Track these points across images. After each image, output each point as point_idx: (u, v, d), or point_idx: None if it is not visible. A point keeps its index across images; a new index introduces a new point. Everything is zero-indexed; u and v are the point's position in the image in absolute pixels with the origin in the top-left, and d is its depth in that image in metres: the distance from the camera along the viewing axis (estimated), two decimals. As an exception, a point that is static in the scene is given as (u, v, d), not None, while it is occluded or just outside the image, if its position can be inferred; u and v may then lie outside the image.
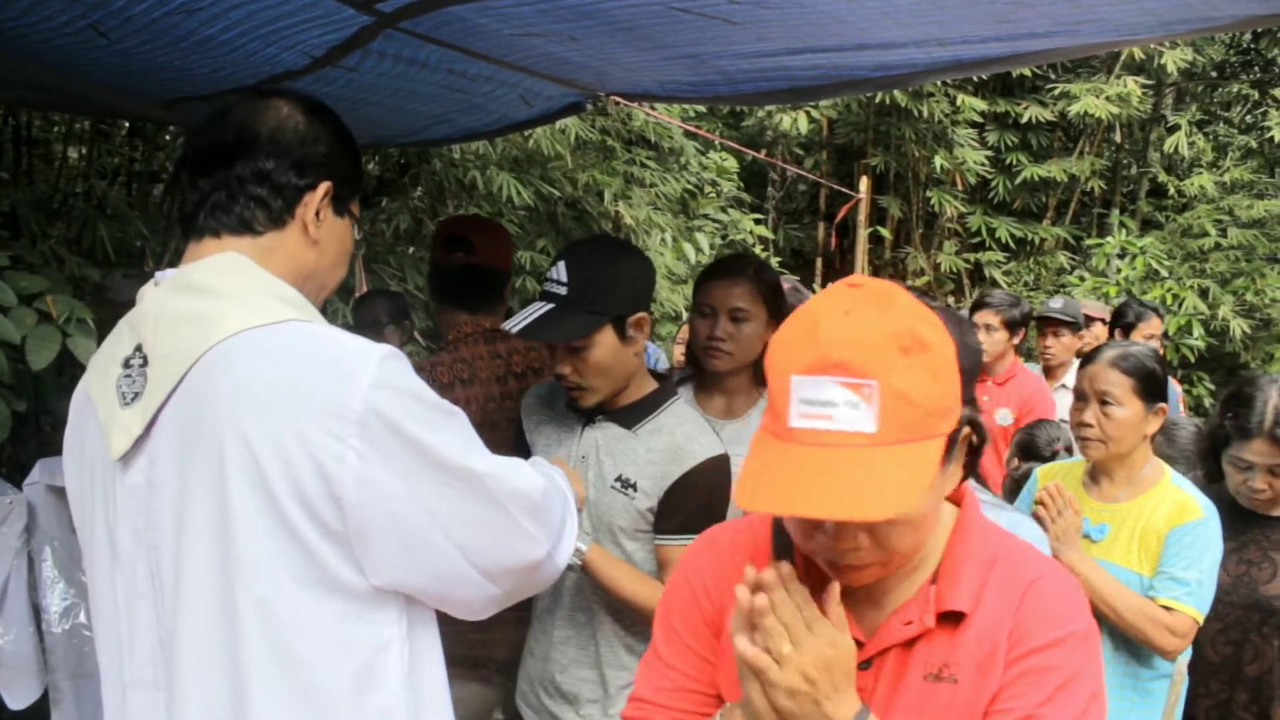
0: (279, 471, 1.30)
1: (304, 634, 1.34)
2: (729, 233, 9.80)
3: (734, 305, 2.56)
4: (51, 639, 2.81)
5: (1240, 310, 10.90)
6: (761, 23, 2.25)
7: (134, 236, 5.53)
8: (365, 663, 1.38)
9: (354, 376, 1.32)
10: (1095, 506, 2.63)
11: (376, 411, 1.32)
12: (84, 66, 3.06)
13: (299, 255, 1.50)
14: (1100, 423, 2.56)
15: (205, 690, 1.35)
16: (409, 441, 1.35)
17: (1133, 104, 11.27)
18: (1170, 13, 1.87)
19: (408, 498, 1.36)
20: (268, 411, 1.30)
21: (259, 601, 1.32)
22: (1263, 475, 2.61)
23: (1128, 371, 2.55)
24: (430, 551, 1.40)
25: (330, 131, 1.53)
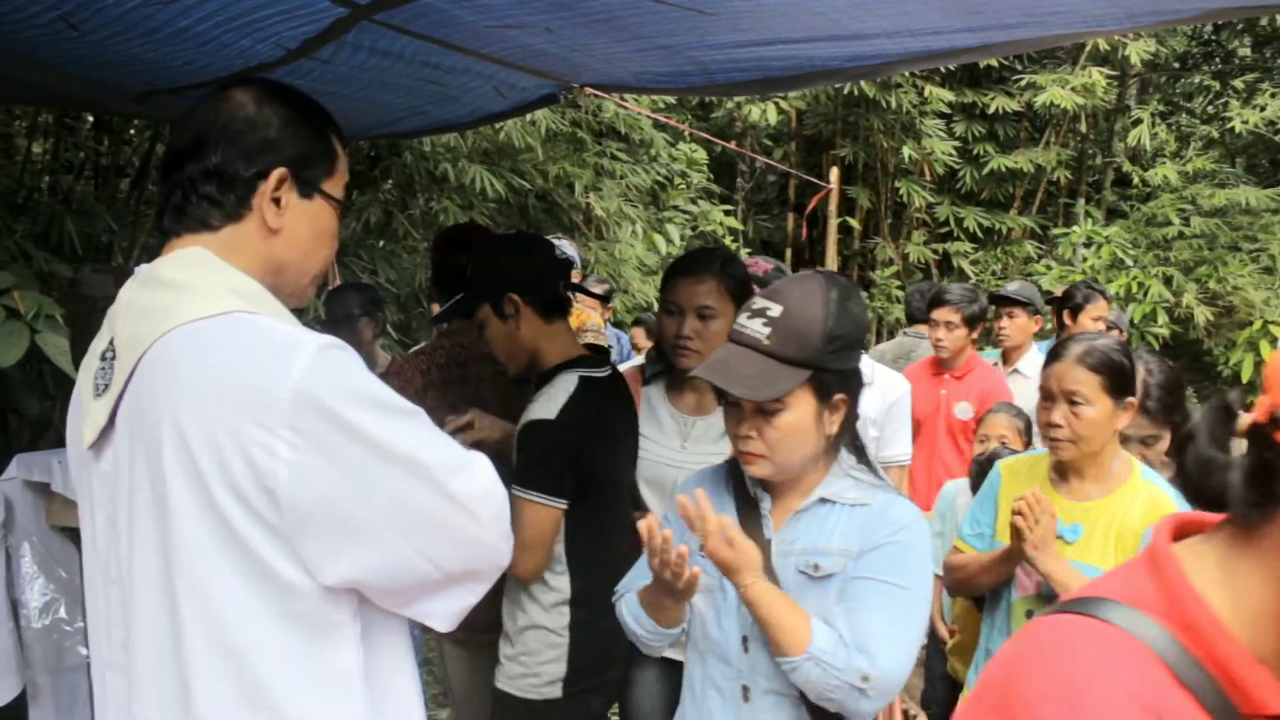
0: (212, 463, 1.29)
1: (243, 626, 1.33)
2: (699, 224, 9.84)
3: (700, 303, 2.56)
4: (30, 634, 2.80)
5: (1203, 298, 11.06)
6: (736, 14, 2.27)
7: (102, 231, 5.49)
8: (313, 663, 1.37)
9: (285, 366, 1.31)
10: (1066, 505, 2.56)
11: (310, 400, 1.31)
12: (53, 58, 3.03)
13: (262, 247, 1.49)
14: (1070, 423, 2.48)
15: (155, 674, 1.36)
16: (347, 430, 1.33)
17: (1097, 95, 11.38)
18: (1137, 5, 1.91)
19: (347, 488, 1.34)
20: (200, 402, 1.30)
21: (194, 589, 1.32)
22: (1136, 447, 2.64)
23: (1094, 368, 2.47)
24: (379, 547, 1.37)
25: (282, 114, 1.50)
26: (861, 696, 1.74)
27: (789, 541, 1.89)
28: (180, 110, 4.13)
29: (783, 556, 1.88)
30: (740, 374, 1.78)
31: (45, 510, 2.85)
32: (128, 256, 5.87)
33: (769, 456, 1.83)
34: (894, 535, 1.83)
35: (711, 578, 1.91)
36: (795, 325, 1.79)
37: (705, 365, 1.83)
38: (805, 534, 1.88)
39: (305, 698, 1.36)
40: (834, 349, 1.80)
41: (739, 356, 1.81)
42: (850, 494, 1.89)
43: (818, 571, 1.84)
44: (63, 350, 4.19)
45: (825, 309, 1.80)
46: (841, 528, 1.87)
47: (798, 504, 1.90)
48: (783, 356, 1.78)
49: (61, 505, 2.80)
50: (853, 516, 1.87)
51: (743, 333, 1.82)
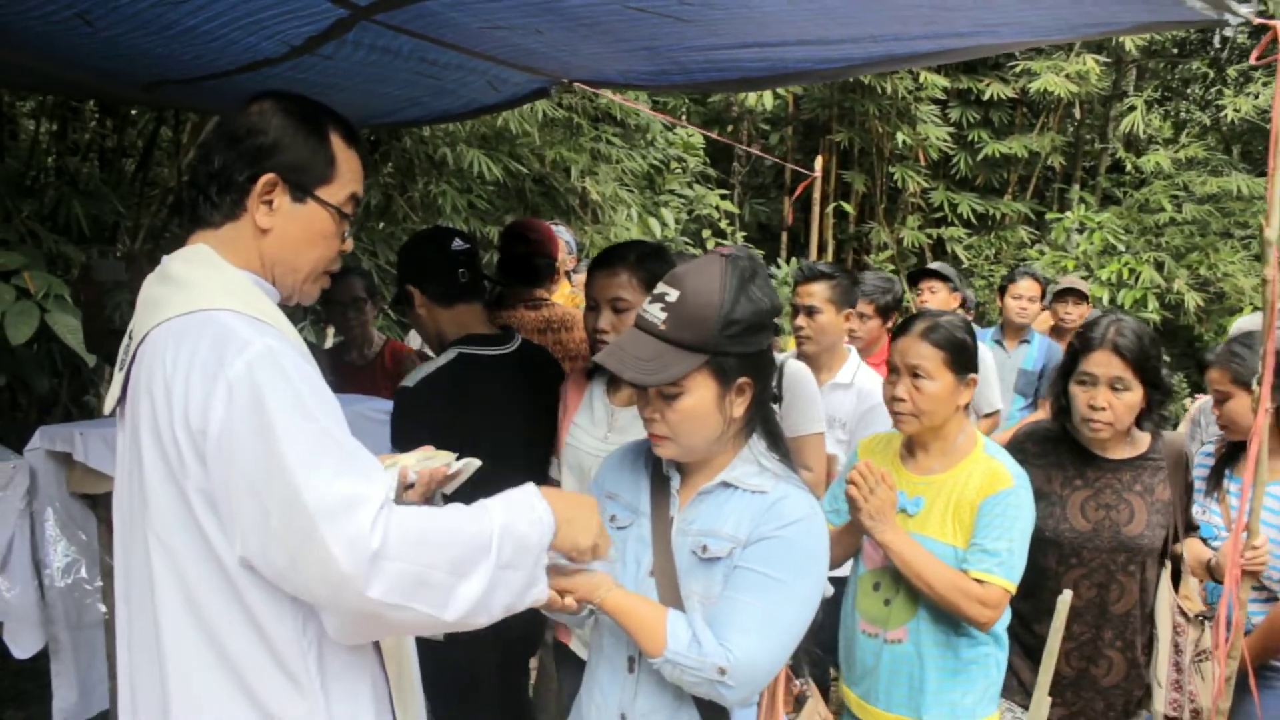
0: (169, 434, 1.51)
1: (198, 582, 1.53)
2: (695, 208, 9.96)
3: (614, 296, 2.57)
4: (53, 594, 3.00)
5: (1194, 284, 11.15)
6: (711, 20, 2.42)
7: (108, 213, 5.61)
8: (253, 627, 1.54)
9: (231, 359, 1.49)
10: (911, 479, 2.60)
11: (241, 392, 1.47)
12: (66, 51, 3.18)
13: (255, 244, 1.68)
14: (912, 396, 2.52)
15: (141, 608, 1.61)
16: (259, 427, 1.46)
17: (1091, 81, 11.48)
18: (1076, 17, 2.06)
19: (242, 478, 1.46)
20: (167, 383, 1.52)
21: (159, 540, 1.55)
22: (1104, 391, 2.69)
23: (938, 344, 2.50)
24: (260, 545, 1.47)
25: (280, 123, 1.66)
26: (722, 687, 1.78)
27: (689, 521, 1.93)
28: (188, 100, 4.28)
29: (681, 535, 1.93)
30: (633, 358, 1.81)
31: (66, 478, 3.04)
32: (134, 238, 6.00)
33: (672, 438, 1.87)
34: (781, 529, 1.85)
35: (616, 547, 1.97)
36: (690, 310, 1.80)
37: (605, 350, 1.87)
38: (703, 515, 1.92)
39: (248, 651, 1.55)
40: (733, 333, 1.81)
41: (636, 341, 1.84)
42: (752, 480, 1.91)
43: (705, 553, 1.88)
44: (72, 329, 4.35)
45: (723, 293, 1.80)
46: (737, 513, 1.89)
47: (703, 485, 1.94)
48: (677, 341, 1.80)
49: (82, 473, 2.98)
50: (750, 503, 1.89)
51: (643, 318, 1.85)
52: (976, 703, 2.53)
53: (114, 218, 5.71)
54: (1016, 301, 5.65)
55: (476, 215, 6.96)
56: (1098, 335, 2.72)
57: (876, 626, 2.57)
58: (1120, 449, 2.81)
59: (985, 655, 2.53)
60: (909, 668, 2.52)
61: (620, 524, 2.00)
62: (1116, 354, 2.68)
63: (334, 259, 1.79)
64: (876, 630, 2.57)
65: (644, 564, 1.94)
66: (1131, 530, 2.73)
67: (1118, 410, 2.70)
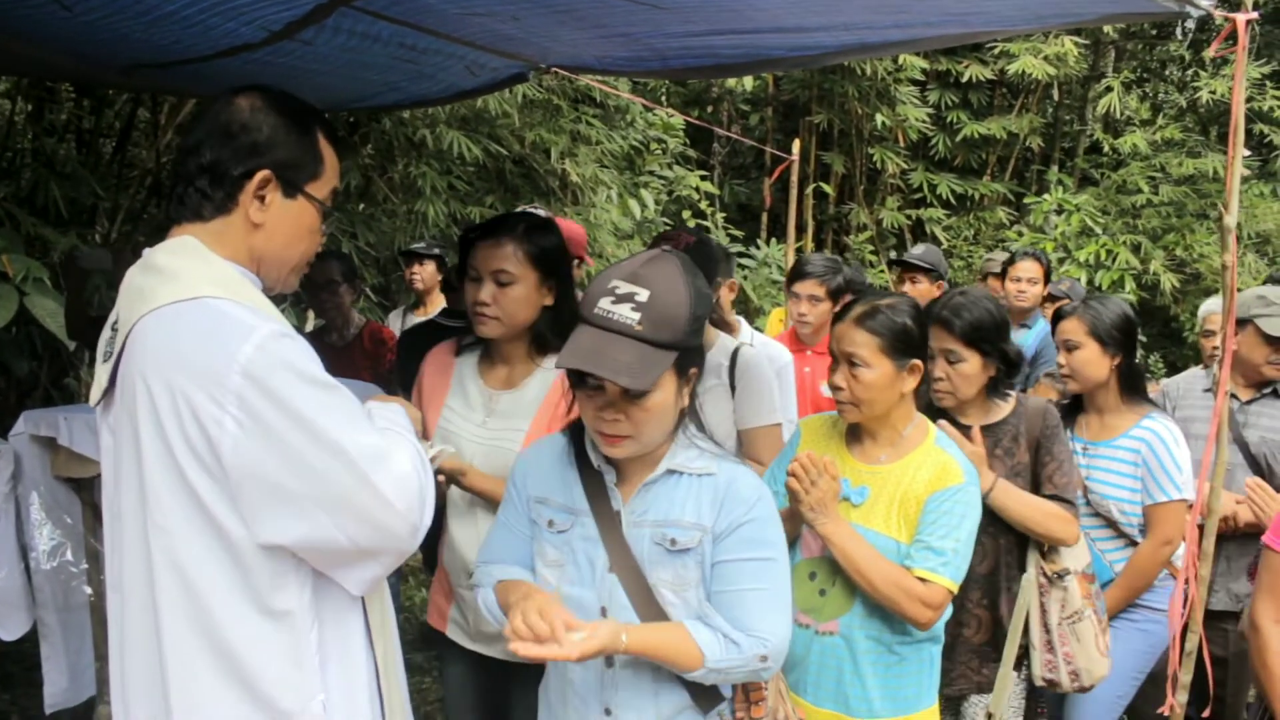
0: (172, 424, 1.54)
1: (199, 572, 1.57)
2: (675, 189, 9.98)
3: (497, 268, 2.44)
4: (39, 576, 3.03)
5: (1170, 265, 11.26)
6: (686, 8, 2.46)
7: (87, 195, 5.59)
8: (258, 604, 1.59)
9: (237, 347, 1.52)
10: (856, 467, 2.51)
11: (257, 383, 1.51)
12: (42, 35, 3.18)
13: (245, 238, 1.71)
14: (850, 385, 2.43)
15: (138, 599, 1.63)
16: (286, 411, 1.52)
17: (1069, 63, 11.54)
18: (1043, 9, 2.11)
19: (279, 463, 1.53)
20: (166, 374, 1.54)
21: (160, 530, 1.58)
22: (940, 363, 2.79)
23: (874, 330, 2.40)
24: (303, 518, 1.55)
25: (273, 121, 1.70)
26: (763, 671, 1.92)
27: (639, 513, 1.95)
28: (166, 83, 4.28)
29: (636, 528, 1.94)
30: (619, 362, 1.77)
31: (51, 462, 3.06)
32: (112, 220, 5.99)
33: (634, 437, 1.87)
34: (750, 512, 1.91)
35: (560, 550, 1.99)
36: (664, 309, 1.81)
37: (575, 354, 1.80)
38: (656, 505, 1.94)
39: (251, 635, 1.59)
40: (695, 328, 1.87)
41: (612, 344, 1.80)
42: (696, 464, 1.95)
43: (675, 545, 1.91)
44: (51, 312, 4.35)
45: (688, 291, 1.85)
46: (693, 499, 1.93)
47: (645, 475, 1.96)
48: (655, 341, 1.80)
49: (66, 458, 3.01)
50: (701, 487, 1.94)
51: (610, 318, 1.81)
52: (913, 696, 2.48)
53: (92, 200, 5.70)
54: (1016, 285, 5.44)
55: (456, 197, 6.97)
56: (933, 311, 2.79)
57: (809, 617, 2.50)
58: (982, 415, 2.87)
59: (920, 650, 2.48)
60: (838, 661, 2.47)
61: (560, 528, 2.00)
62: (944, 327, 2.77)
63: (316, 251, 1.84)
64: (809, 621, 2.50)
65: (599, 562, 1.95)
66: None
67: (955, 381, 2.80)
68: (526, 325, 2.48)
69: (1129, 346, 3.20)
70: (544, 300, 2.49)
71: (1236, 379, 3.63)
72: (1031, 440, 2.84)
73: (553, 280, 2.49)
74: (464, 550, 2.51)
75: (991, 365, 2.81)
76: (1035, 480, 2.83)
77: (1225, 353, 2.34)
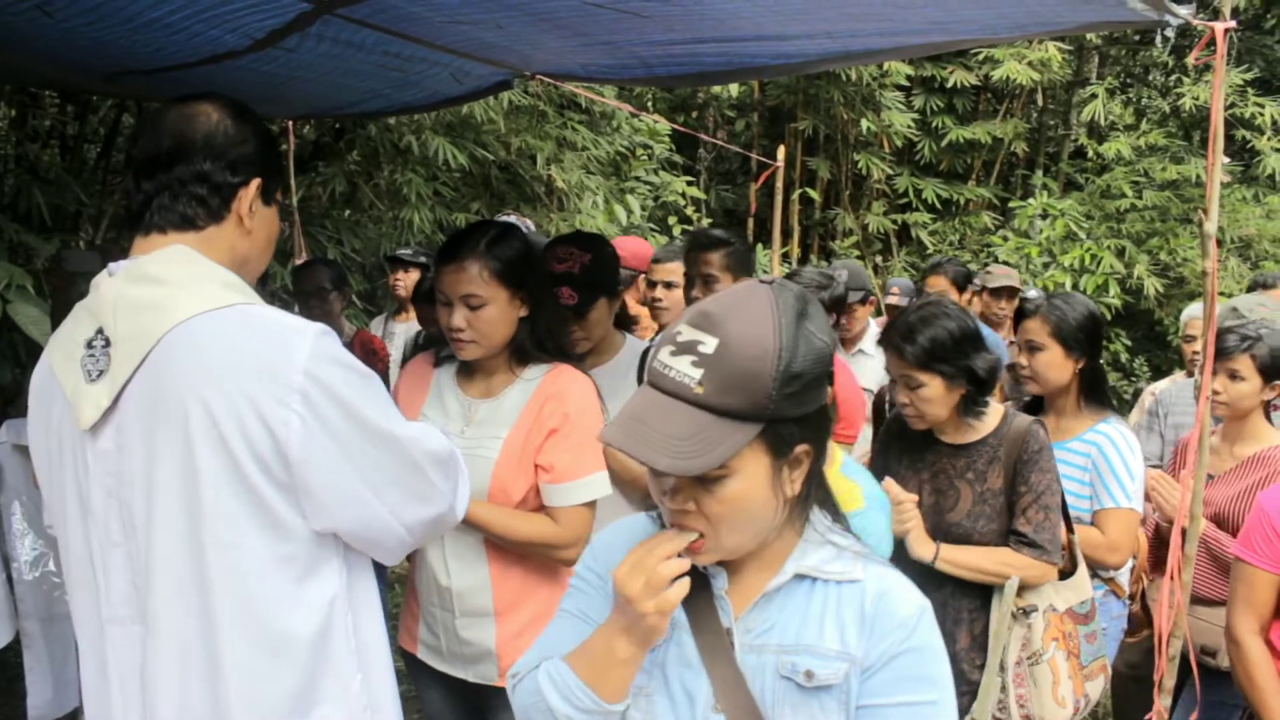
0: (235, 432, 1.53)
1: (262, 578, 1.59)
2: (661, 194, 10.00)
3: (465, 292, 2.35)
4: (22, 586, 3.01)
5: (1154, 269, 11.32)
6: (668, 17, 2.46)
7: (71, 202, 5.57)
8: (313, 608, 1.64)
9: (295, 350, 1.56)
10: None
11: (316, 380, 1.56)
12: (25, 42, 3.17)
13: (236, 244, 1.73)
14: None
15: (178, 624, 1.59)
16: (344, 408, 1.59)
17: (1054, 69, 11.60)
18: (1024, 17, 2.12)
19: (342, 456, 1.60)
20: (223, 382, 1.53)
21: (223, 545, 1.56)
22: (901, 389, 2.68)
23: None
24: (358, 502, 1.64)
25: (256, 132, 1.75)
26: None
27: (757, 633, 1.44)
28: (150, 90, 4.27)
29: (753, 653, 1.43)
30: (664, 436, 1.29)
31: (34, 472, 3.04)
32: (96, 226, 5.97)
33: (710, 536, 1.37)
34: (908, 640, 1.42)
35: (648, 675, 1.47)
36: (737, 364, 1.29)
37: (619, 425, 1.33)
38: (780, 623, 1.44)
39: (301, 632, 1.62)
40: (792, 391, 1.31)
41: (662, 411, 1.31)
42: (833, 566, 1.45)
43: (811, 680, 1.40)
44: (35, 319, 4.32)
45: (777, 338, 1.31)
46: (833, 616, 1.43)
47: (765, 580, 1.45)
48: (722, 409, 1.30)
49: (48, 467, 2.99)
50: (843, 600, 1.44)
51: (665, 375, 1.33)
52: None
53: (76, 206, 5.67)
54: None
55: (442, 203, 6.97)
56: (887, 336, 2.69)
57: None
58: (957, 434, 2.76)
59: None
60: None
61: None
62: (896, 353, 2.65)
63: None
64: None
65: (700, 697, 1.43)
66: (952, 517, 2.69)
67: (919, 405, 2.67)
68: (506, 342, 2.44)
69: (1093, 349, 3.09)
70: (518, 313, 2.44)
71: (1220, 388, 3.64)
72: (1009, 465, 2.67)
73: (523, 292, 2.42)
74: (435, 569, 2.46)
75: (958, 385, 2.65)
76: (1010, 509, 2.67)
77: (1206, 358, 2.35)
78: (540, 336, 2.46)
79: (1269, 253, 11.46)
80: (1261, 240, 11.50)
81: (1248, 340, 3.24)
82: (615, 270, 3.04)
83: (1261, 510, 2.69)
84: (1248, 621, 2.66)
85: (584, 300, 2.89)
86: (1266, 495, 2.75)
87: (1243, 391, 3.25)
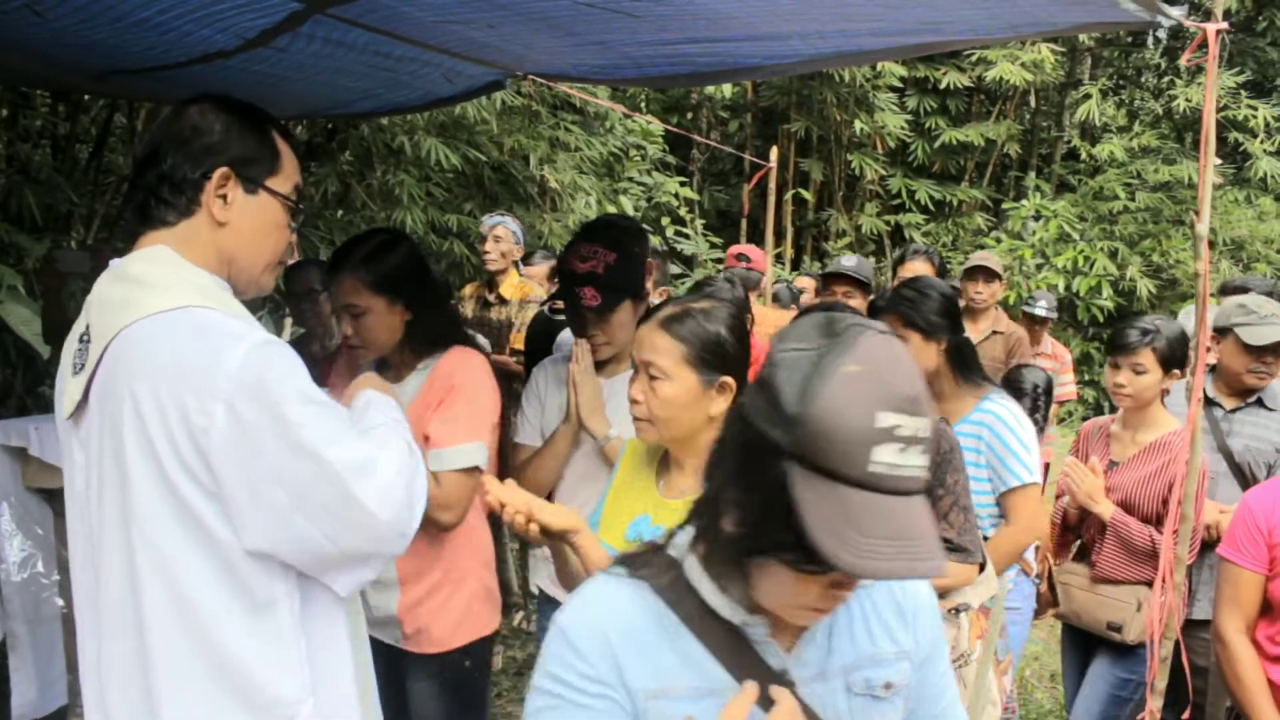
0: (160, 433, 1.52)
1: (194, 588, 1.56)
2: (654, 195, 10.00)
3: (346, 302, 2.54)
4: (9, 588, 3.00)
5: (1147, 270, 11.37)
6: (660, 17, 2.46)
7: (63, 202, 5.56)
8: (251, 612, 1.58)
9: (226, 356, 1.53)
10: (659, 502, 2.10)
11: (245, 386, 1.52)
12: (15, 42, 3.16)
13: (213, 239, 1.71)
14: (646, 399, 2.01)
15: (119, 618, 1.60)
16: (272, 417, 1.53)
17: (1047, 70, 11.63)
18: (1016, 18, 2.12)
19: (263, 470, 1.53)
20: (154, 382, 1.53)
21: (149, 546, 1.56)
22: None
23: (681, 337, 1.99)
24: (287, 524, 1.56)
25: (225, 119, 1.71)
26: None
27: (822, 660, 1.36)
28: (141, 90, 4.25)
29: (820, 681, 1.35)
30: (929, 541, 1.13)
31: (22, 473, 3.03)
32: (88, 226, 5.95)
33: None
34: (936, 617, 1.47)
35: None
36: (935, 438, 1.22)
37: (875, 553, 1.09)
38: (837, 645, 1.37)
39: (245, 643, 1.58)
40: None
41: (919, 515, 1.14)
42: None
43: (890, 691, 1.38)
44: (26, 320, 4.30)
45: None
46: (875, 619, 1.40)
47: None
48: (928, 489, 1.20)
49: (38, 468, 2.98)
50: (874, 601, 1.41)
51: (903, 479, 1.13)
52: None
53: (68, 206, 5.66)
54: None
55: (435, 204, 6.96)
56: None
57: None
58: None
59: None
60: None
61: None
62: None
63: (287, 249, 1.84)
64: None
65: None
66: None
67: None
68: (392, 343, 2.61)
69: (953, 326, 3.03)
70: (401, 318, 2.59)
71: (1220, 388, 3.66)
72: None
73: (402, 299, 2.56)
74: None
75: None
76: None
77: (1198, 360, 2.35)
78: (430, 335, 2.62)
79: (1261, 254, 11.51)
80: (1253, 242, 11.55)
81: (1148, 334, 3.35)
82: (642, 270, 2.86)
83: (1247, 509, 2.71)
84: (1234, 621, 2.69)
85: (607, 302, 2.67)
86: (1253, 494, 2.77)
87: (1145, 383, 3.35)
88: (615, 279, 2.67)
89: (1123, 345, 3.38)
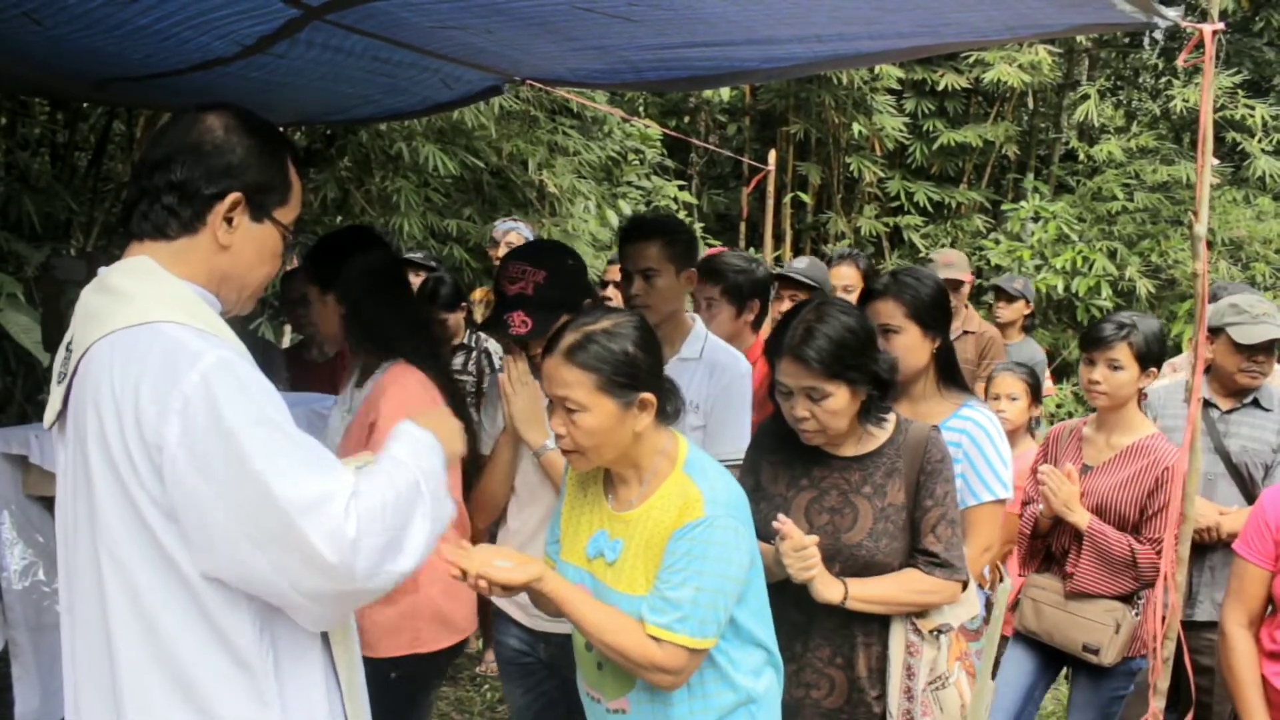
0: (120, 448, 1.52)
1: (154, 597, 1.54)
2: (653, 199, 9.99)
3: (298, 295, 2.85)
4: (11, 596, 2.99)
5: (1146, 271, 11.35)
6: (659, 20, 2.47)
7: (61, 210, 5.55)
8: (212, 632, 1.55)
9: (184, 373, 1.50)
10: (612, 516, 2.12)
11: (199, 403, 1.49)
12: (14, 50, 3.16)
13: (211, 259, 1.69)
14: (570, 431, 2.01)
15: (88, 624, 1.61)
16: (223, 437, 1.48)
17: (1044, 71, 11.63)
18: (1013, 19, 2.12)
19: (211, 495, 1.49)
20: (116, 396, 1.53)
21: (111, 557, 1.55)
22: (801, 401, 2.34)
23: (585, 365, 1.97)
24: (234, 555, 1.51)
25: (247, 143, 1.68)
26: None
27: None
28: (140, 97, 4.26)
29: None
30: None
31: (23, 480, 3.04)
32: (87, 235, 5.95)
33: None
34: None
35: None
36: None
37: None
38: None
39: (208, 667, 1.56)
40: None
41: None
42: None
43: None
44: (25, 328, 4.30)
45: None
46: None
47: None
48: None
49: (38, 476, 2.98)
50: None
51: None
52: None
53: (66, 214, 5.65)
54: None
55: (433, 210, 6.96)
56: (785, 340, 2.34)
57: (597, 692, 2.17)
58: (850, 445, 2.44)
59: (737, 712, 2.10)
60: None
61: None
62: (799, 362, 2.30)
63: (274, 276, 1.84)
64: (598, 696, 2.17)
65: None
66: (850, 538, 2.38)
67: (821, 418, 2.34)
68: (335, 335, 2.76)
69: (946, 326, 2.80)
70: (335, 311, 2.69)
71: (1215, 388, 3.66)
72: (910, 477, 2.39)
73: (334, 291, 2.67)
74: None
75: (861, 390, 2.36)
76: (913, 525, 2.40)
77: (1197, 360, 2.35)
78: (368, 334, 2.67)
79: (1259, 254, 11.50)
80: (1252, 242, 11.54)
81: (1124, 328, 3.25)
82: (580, 284, 2.72)
83: (1260, 507, 2.75)
84: (1237, 615, 2.72)
85: (539, 325, 2.51)
86: (1269, 493, 2.79)
87: (1122, 380, 3.26)
88: (546, 297, 2.57)
89: (1098, 340, 3.28)
